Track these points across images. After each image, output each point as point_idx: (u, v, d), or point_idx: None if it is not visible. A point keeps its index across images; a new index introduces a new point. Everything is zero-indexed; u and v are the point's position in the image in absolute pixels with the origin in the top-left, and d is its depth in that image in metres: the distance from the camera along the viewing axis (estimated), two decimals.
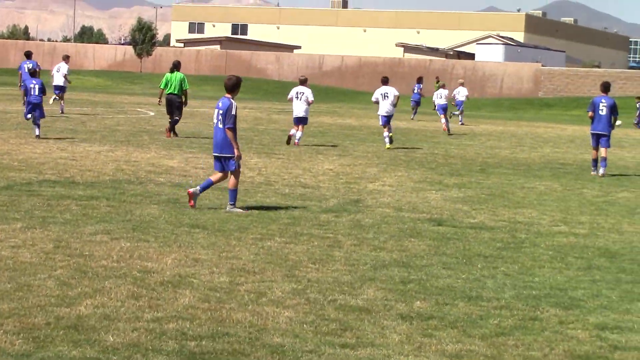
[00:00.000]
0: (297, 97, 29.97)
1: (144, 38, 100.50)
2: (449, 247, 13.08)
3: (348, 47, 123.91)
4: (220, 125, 15.27)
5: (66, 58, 42.48)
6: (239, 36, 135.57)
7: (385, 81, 31.28)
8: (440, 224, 14.99)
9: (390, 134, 30.46)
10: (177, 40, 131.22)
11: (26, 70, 38.31)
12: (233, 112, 15.19)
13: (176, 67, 30.48)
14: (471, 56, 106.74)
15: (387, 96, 30.45)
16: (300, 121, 29.83)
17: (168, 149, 25.50)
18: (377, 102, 30.89)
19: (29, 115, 27.50)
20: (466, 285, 10.67)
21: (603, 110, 24.45)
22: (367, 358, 7.78)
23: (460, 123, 47.21)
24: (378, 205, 16.89)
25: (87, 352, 7.52)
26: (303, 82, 30.58)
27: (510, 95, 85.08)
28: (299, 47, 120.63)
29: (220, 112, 15.26)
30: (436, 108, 43.20)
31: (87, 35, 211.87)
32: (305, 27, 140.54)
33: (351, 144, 31.45)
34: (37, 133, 26.78)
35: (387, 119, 30.47)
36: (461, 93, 48.03)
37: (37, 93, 27.32)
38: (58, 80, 40.65)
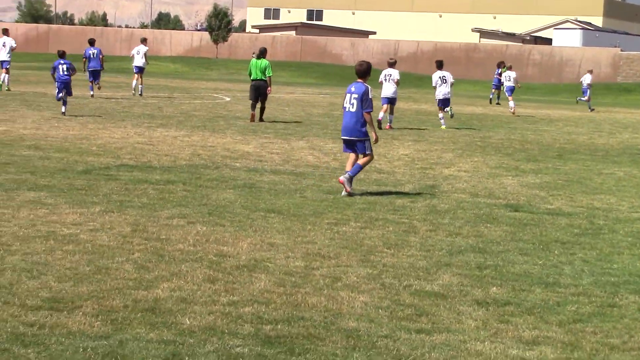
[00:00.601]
0: (386, 79, 31.03)
1: (220, 24, 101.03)
2: (525, 233, 12.95)
3: (423, 33, 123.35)
4: (352, 110, 15.56)
5: (144, 41, 43.74)
6: (314, 22, 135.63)
7: (440, 65, 32.27)
8: (516, 210, 14.86)
9: (448, 113, 32.14)
10: (253, 26, 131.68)
11: (92, 57, 39.30)
12: (370, 96, 15.50)
13: (262, 53, 31.19)
14: (548, 41, 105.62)
15: (445, 80, 31.81)
16: (390, 101, 30.87)
17: (244, 134, 25.61)
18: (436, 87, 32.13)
19: (60, 95, 29.02)
20: (543, 272, 10.57)
21: None
22: (443, 344, 7.74)
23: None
24: (454, 190, 16.79)
25: (164, 334, 7.58)
26: (392, 64, 31.60)
27: None
28: (374, 33, 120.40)
29: (355, 96, 15.53)
30: (505, 89, 44.64)
31: (164, 21, 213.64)
32: (381, 12, 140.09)
33: (427, 129, 31.30)
34: (63, 110, 28.70)
35: (445, 102, 31.87)
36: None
37: (65, 72, 28.99)
38: (138, 61, 42.13)
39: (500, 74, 53.42)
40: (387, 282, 9.71)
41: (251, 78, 31.01)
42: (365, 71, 15.70)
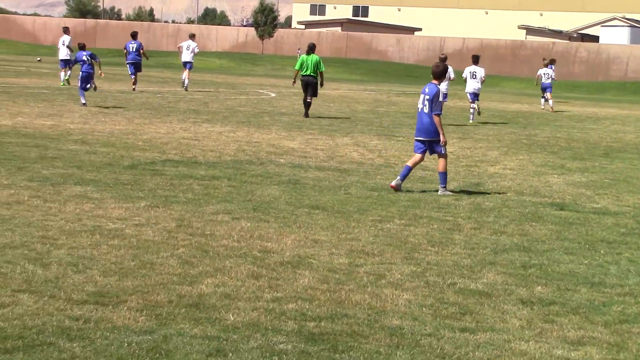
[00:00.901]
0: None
1: (265, 20, 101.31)
2: (571, 232, 12.86)
3: (469, 30, 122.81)
4: (426, 111, 15.61)
5: (192, 36, 43.84)
6: (359, 18, 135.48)
7: (475, 60, 33.60)
8: (562, 209, 14.76)
9: (477, 108, 33.77)
10: (298, 22, 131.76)
11: (132, 50, 39.69)
12: (440, 99, 15.62)
13: (312, 49, 31.49)
14: (595, 39, 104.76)
15: (475, 75, 33.13)
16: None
17: (289, 130, 25.65)
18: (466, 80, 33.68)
19: (88, 86, 30.59)
20: (589, 271, 10.48)
21: None
22: (487, 342, 7.71)
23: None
24: (499, 188, 16.71)
25: (208, 330, 7.61)
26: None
27: (636, 79, 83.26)
28: (419, 29, 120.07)
29: (427, 97, 15.61)
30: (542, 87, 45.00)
31: (210, 17, 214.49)
32: (427, 9, 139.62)
33: (472, 126, 31.18)
34: (83, 101, 30.06)
35: (475, 96, 33.32)
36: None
37: (88, 64, 30.43)
38: (186, 57, 42.37)
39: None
40: (431, 280, 9.68)
41: (301, 74, 31.13)
42: (441, 73, 15.87)
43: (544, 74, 42.90)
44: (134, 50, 39.93)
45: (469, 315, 8.45)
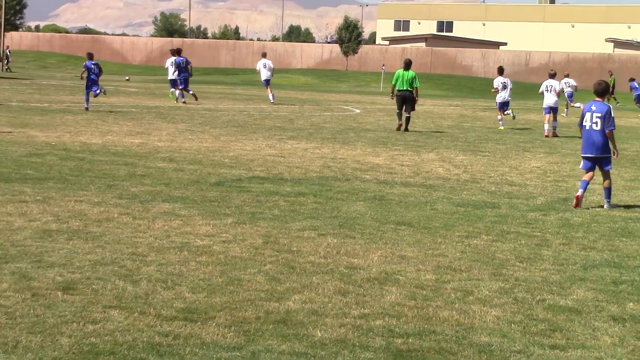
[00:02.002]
0: (547, 90, 33.53)
1: (350, 36, 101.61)
2: None
3: (555, 43, 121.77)
4: (597, 128, 15.95)
5: (264, 55, 48.28)
6: (444, 33, 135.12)
7: (501, 71, 35.72)
8: None
9: (510, 115, 36.43)
10: (383, 38, 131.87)
11: (175, 66, 41.78)
12: (612, 115, 16.02)
13: (408, 65, 32.64)
14: None
15: (506, 85, 35.11)
16: (553, 110, 33.29)
17: (374, 146, 25.64)
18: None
19: (98, 91, 34.97)
20: None
21: None
22: None
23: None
24: (587, 203, 16.49)
25: (295, 346, 7.62)
26: (552, 75, 33.96)
27: None
28: (504, 44, 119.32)
29: (597, 114, 15.96)
30: (566, 96, 46.42)
31: (295, 34, 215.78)
32: (512, 23, 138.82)
33: (559, 141, 30.86)
34: (86, 106, 34.34)
35: (504, 104, 35.51)
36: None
37: (97, 72, 35.34)
38: (265, 75, 44.82)
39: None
40: (520, 296, 9.58)
41: (398, 88, 32.08)
42: (604, 90, 16.31)
43: (565, 83, 43.46)
44: (184, 65, 42.02)
45: (559, 332, 8.34)
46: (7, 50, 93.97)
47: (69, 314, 8.20)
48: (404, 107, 32.06)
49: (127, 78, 76.68)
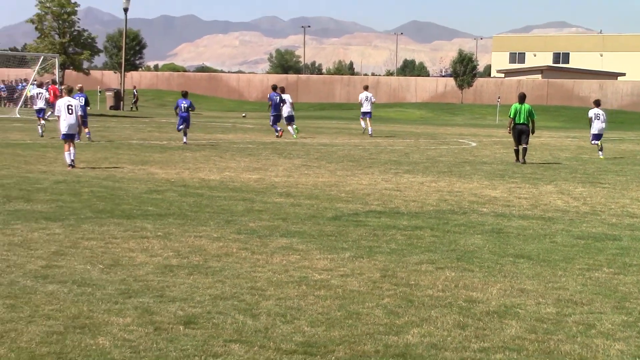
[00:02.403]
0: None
1: (464, 69, 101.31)
2: None
3: None
4: None
5: (366, 88, 49.86)
6: (560, 65, 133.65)
7: (597, 104, 36.74)
8: None
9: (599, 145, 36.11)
10: (498, 71, 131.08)
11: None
12: None
13: (522, 98, 33.06)
14: None
15: (599, 117, 35.82)
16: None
17: (490, 179, 25.46)
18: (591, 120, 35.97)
19: (181, 127, 37.32)
20: None
21: None
22: None
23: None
24: None
25: None
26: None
27: None
28: (623, 74, 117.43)
29: None
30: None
31: (409, 67, 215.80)
32: (630, 53, 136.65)
33: None
34: (184, 141, 36.56)
35: (598, 136, 35.81)
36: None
37: (184, 110, 37.16)
38: (366, 107, 47.67)
39: None
40: None
41: (515, 122, 32.51)
42: None
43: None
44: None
45: None
46: (134, 90, 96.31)
47: (190, 348, 8.32)
48: (521, 139, 32.38)
49: (243, 115, 77.63)
